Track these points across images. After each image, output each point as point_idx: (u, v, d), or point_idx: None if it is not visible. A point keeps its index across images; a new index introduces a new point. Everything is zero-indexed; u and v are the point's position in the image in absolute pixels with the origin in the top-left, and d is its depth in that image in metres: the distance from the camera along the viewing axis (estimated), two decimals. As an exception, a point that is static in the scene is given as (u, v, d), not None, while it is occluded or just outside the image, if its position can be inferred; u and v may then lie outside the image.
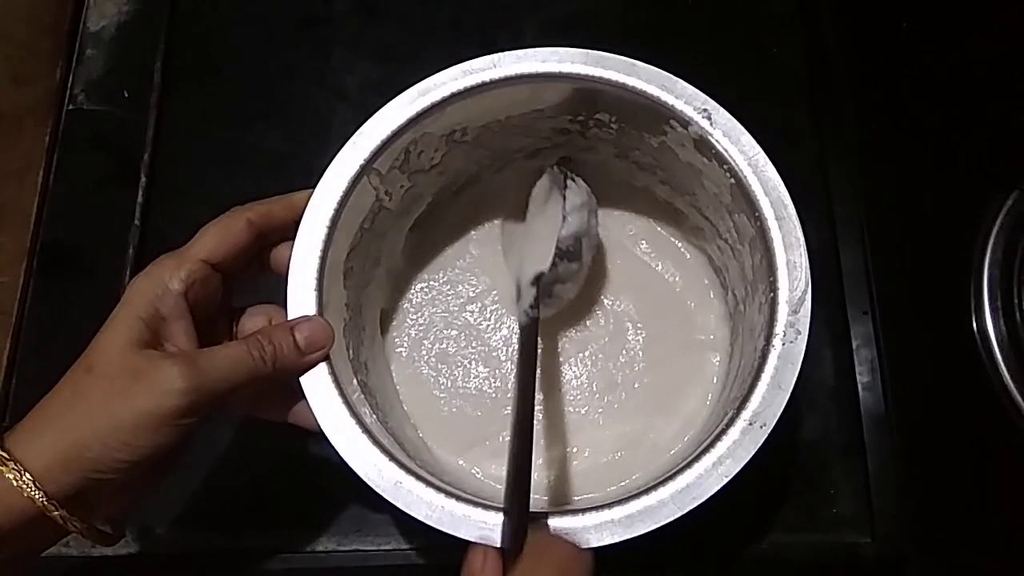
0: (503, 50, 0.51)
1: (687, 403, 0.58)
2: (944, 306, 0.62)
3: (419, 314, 0.61)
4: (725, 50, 0.71)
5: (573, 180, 0.56)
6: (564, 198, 0.55)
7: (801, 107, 0.68)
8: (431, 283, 0.61)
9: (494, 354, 0.60)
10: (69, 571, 0.58)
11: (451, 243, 0.62)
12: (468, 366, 0.60)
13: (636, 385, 0.59)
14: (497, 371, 0.60)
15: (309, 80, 0.72)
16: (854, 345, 0.61)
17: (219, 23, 0.74)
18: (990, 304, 0.61)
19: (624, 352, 0.59)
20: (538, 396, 0.58)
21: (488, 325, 0.61)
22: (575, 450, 0.57)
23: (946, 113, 0.66)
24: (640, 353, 0.59)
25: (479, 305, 0.61)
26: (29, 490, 0.40)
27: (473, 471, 0.57)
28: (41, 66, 0.72)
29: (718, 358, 0.58)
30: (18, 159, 0.69)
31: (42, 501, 0.40)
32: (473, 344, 0.60)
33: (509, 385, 0.59)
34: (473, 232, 0.62)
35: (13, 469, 0.40)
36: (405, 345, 0.60)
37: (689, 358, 0.59)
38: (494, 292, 0.61)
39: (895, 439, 0.59)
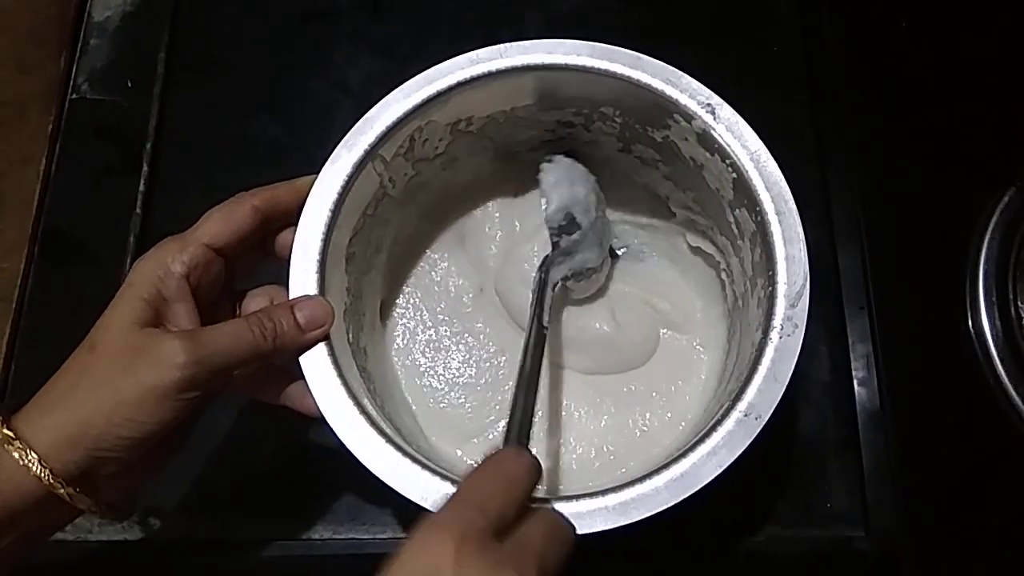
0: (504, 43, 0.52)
1: (680, 398, 0.58)
2: (940, 303, 0.62)
3: (417, 304, 0.61)
4: (725, 47, 0.71)
5: (549, 161, 0.57)
6: (539, 181, 0.57)
7: (800, 104, 0.69)
8: (430, 274, 0.62)
9: (490, 347, 0.60)
10: (66, 556, 0.58)
11: (452, 233, 0.62)
12: (464, 358, 0.60)
13: (630, 379, 0.59)
14: (493, 364, 0.60)
15: (312, 73, 0.72)
16: (850, 341, 0.61)
17: (223, 15, 0.74)
18: (985, 301, 0.61)
19: (619, 348, 0.59)
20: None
21: (484, 318, 0.61)
22: (567, 443, 0.58)
23: (943, 111, 0.66)
24: (635, 347, 0.60)
25: (476, 298, 0.61)
26: (35, 469, 0.40)
27: (471, 462, 0.57)
28: (45, 55, 0.72)
29: (714, 355, 0.58)
30: (21, 147, 0.69)
31: (48, 479, 0.40)
32: (468, 337, 0.60)
33: (504, 379, 0.59)
34: (474, 224, 0.63)
35: (19, 448, 0.40)
36: (403, 334, 0.60)
37: (684, 353, 0.60)
38: (491, 285, 0.61)
39: (890, 435, 0.59)
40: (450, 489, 0.44)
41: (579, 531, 0.42)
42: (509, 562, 0.34)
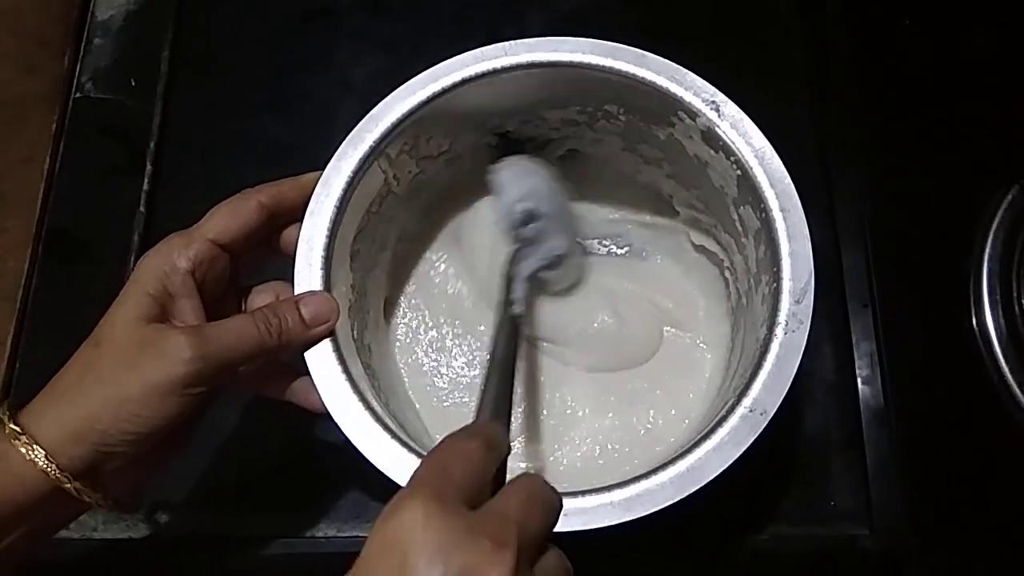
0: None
1: (684, 395, 0.58)
2: (944, 301, 0.62)
3: (419, 303, 0.61)
4: (727, 45, 0.71)
5: (498, 161, 0.57)
6: (490, 182, 0.57)
7: (802, 103, 0.69)
8: (430, 274, 0.62)
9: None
10: (71, 554, 0.58)
11: (449, 235, 0.62)
12: (467, 359, 0.60)
13: (634, 376, 0.59)
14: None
15: (314, 71, 0.72)
16: (854, 339, 0.61)
17: (226, 14, 0.75)
18: (989, 299, 0.61)
19: (622, 344, 0.59)
20: (535, 388, 0.59)
21: (485, 321, 0.60)
22: (572, 441, 0.58)
23: (947, 108, 0.66)
24: (638, 346, 0.60)
25: (476, 300, 0.61)
26: (42, 463, 0.40)
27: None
28: (49, 55, 0.72)
29: (718, 353, 0.58)
30: (25, 146, 0.69)
31: (55, 474, 0.41)
32: (470, 338, 0.60)
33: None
34: (467, 226, 0.62)
35: (25, 443, 0.41)
36: (406, 333, 0.60)
37: (688, 351, 0.60)
38: (486, 291, 0.61)
39: (894, 433, 0.59)
40: None
41: (584, 527, 0.43)
42: (482, 529, 0.33)
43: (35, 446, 0.40)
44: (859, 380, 0.61)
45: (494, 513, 0.35)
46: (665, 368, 0.59)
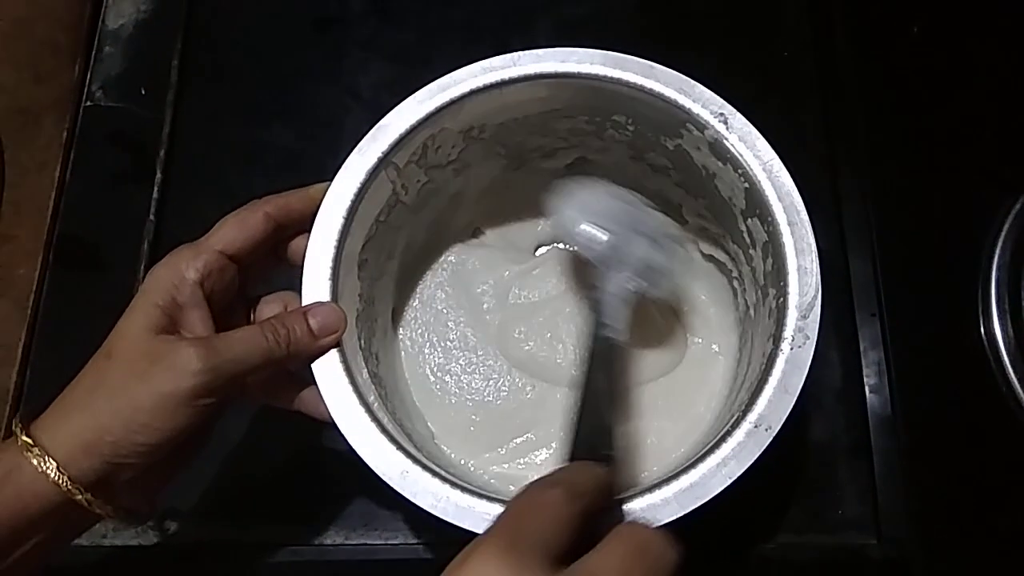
0: (516, 51, 0.52)
1: (693, 406, 0.58)
2: (952, 309, 0.62)
3: (428, 312, 0.61)
4: (735, 53, 0.72)
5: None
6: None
7: (811, 110, 0.69)
8: (442, 281, 0.62)
9: (502, 359, 0.60)
10: (81, 561, 0.58)
11: (464, 242, 0.62)
12: (473, 369, 0.60)
13: (643, 387, 0.59)
14: (502, 374, 0.60)
15: (323, 80, 0.72)
16: (862, 347, 0.62)
17: (235, 22, 0.75)
18: (998, 307, 0.61)
19: (631, 353, 0.59)
20: (542, 394, 0.59)
21: (496, 329, 0.61)
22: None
23: (955, 116, 0.66)
24: (648, 355, 0.59)
25: (489, 308, 0.61)
26: (54, 475, 0.41)
27: (480, 472, 0.57)
28: (60, 63, 0.73)
29: (726, 363, 0.58)
30: (36, 154, 0.69)
31: (67, 486, 0.41)
32: (479, 349, 0.60)
33: (515, 392, 0.59)
34: (487, 232, 0.63)
35: (38, 455, 0.41)
36: (414, 341, 0.60)
37: (697, 362, 0.59)
38: (505, 295, 0.61)
39: (902, 441, 0.59)
40: (459, 496, 0.44)
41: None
42: None
43: (47, 458, 0.41)
44: (867, 388, 0.61)
45: (585, 572, 0.32)
46: (670, 376, 0.59)
